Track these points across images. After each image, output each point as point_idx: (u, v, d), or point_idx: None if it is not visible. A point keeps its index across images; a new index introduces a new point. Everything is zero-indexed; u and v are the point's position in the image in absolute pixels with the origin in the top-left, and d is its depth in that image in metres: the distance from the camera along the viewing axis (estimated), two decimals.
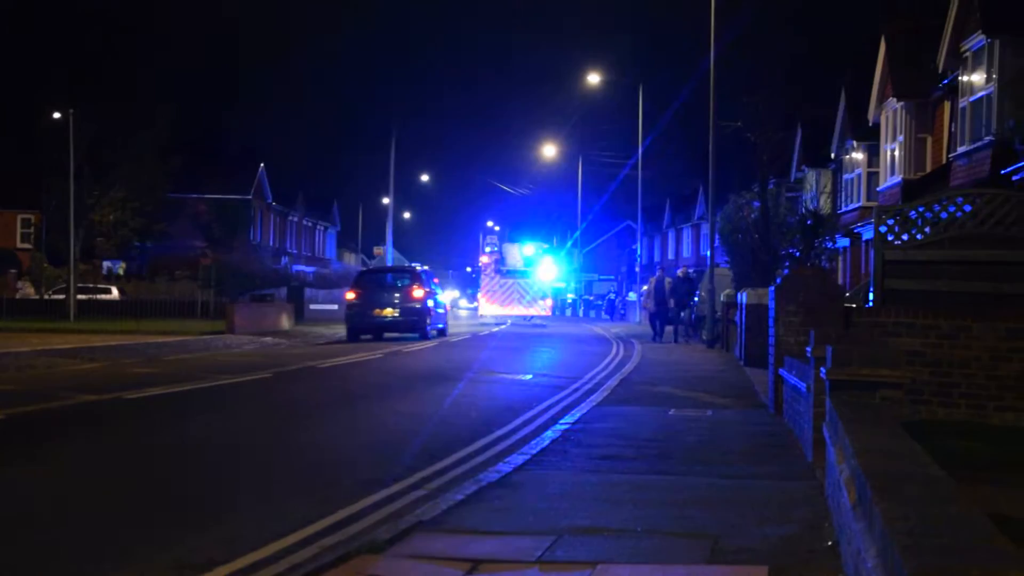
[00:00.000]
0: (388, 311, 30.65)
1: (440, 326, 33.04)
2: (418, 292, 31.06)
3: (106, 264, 59.80)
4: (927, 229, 13.94)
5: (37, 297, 49.34)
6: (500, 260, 47.53)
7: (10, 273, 55.53)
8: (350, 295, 31.74)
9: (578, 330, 44.44)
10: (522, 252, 48.11)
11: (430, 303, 31.59)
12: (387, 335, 31.21)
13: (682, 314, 31.69)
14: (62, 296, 45.69)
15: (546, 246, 52.65)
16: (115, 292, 51.33)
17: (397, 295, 30.95)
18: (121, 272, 60.11)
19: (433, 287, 32.77)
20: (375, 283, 31.93)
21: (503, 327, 45.02)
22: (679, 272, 32.84)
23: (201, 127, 74.03)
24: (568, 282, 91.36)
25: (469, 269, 77.51)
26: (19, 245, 61.80)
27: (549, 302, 47.72)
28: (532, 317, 46.47)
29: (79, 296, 44.40)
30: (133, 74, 53.97)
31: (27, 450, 10.39)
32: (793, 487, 8.66)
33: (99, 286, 51.79)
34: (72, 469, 9.52)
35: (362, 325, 30.70)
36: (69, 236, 45.08)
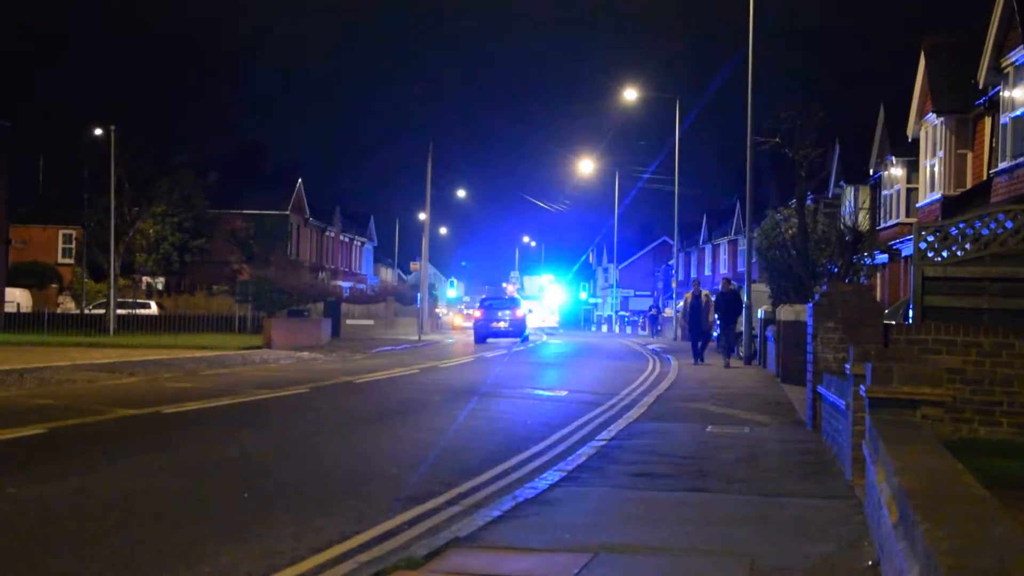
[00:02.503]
0: (501, 324, 45.29)
1: (526, 333, 46.86)
2: (519, 312, 46.37)
3: (145, 279, 60.32)
4: (967, 246, 13.82)
5: (78, 312, 49.83)
6: (520, 288, 68.78)
7: (51, 288, 56.16)
8: (476, 313, 49.03)
9: (614, 345, 44.39)
10: (536, 282, 75.35)
11: (524, 318, 46.80)
12: (491, 340, 44.97)
13: (729, 332, 27.87)
14: (102, 311, 46.15)
15: (553, 277, 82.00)
16: (154, 307, 51.78)
17: (505, 313, 45.85)
18: (160, 287, 60.60)
19: (522, 307, 47.82)
20: (491, 306, 47.67)
21: (538, 339, 47.82)
22: (721, 284, 29.59)
23: (240, 143, 74.73)
24: (603, 299, 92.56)
25: (505, 284, 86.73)
26: (60, 260, 62.46)
27: (557, 317, 70.60)
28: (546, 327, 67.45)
29: (119, 311, 44.82)
30: (174, 91, 54.58)
31: (65, 464, 10.47)
32: (832, 505, 8.58)
33: (138, 301, 52.26)
34: (108, 483, 9.58)
35: (485, 332, 45.35)
36: (109, 251, 45.55)
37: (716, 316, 28.38)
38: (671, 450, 11.59)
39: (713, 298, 29.18)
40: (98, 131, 48.22)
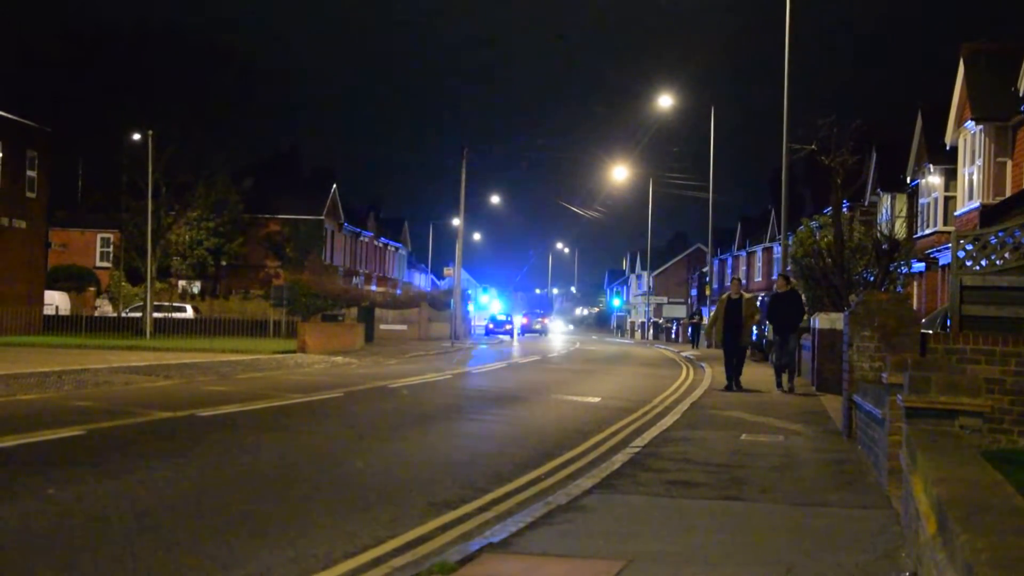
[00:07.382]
0: (536, 325, 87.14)
1: (547, 332, 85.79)
2: (546, 319, 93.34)
3: (181, 283, 60.78)
4: (1007, 255, 13.69)
5: (115, 315, 50.27)
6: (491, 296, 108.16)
7: (89, 291, 56.71)
8: (524, 320, 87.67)
9: (648, 353, 44.27)
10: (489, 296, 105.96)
11: (548, 323, 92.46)
12: (527, 334, 75.88)
13: (787, 345, 21.54)
14: (138, 314, 46.53)
15: (494, 291, 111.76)
16: (189, 310, 52.16)
17: (538, 320, 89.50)
18: (196, 291, 61.05)
19: (547, 316, 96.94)
20: (532, 315, 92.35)
21: (575, 346, 46.92)
22: (776, 284, 23.33)
23: (276, 148, 75.17)
24: (636, 306, 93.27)
25: (539, 291, 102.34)
26: (98, 264, 63.08)
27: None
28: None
29: (155, 314, 45.18)
30: (210, 96, 55.00)
31: (102, 465, 10.55)
32: (868, 515, 8.51)
33: (174, 304, 52.67)
34: (145, 485, 9.64)
35: (529, 329, 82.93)
36: (146, 255, 45.93)
37: (773, 327, 22.62)
38: (705, 458, 11.54)
39: (760, 301, 25.23)
40: (136, 136, 48.64)
